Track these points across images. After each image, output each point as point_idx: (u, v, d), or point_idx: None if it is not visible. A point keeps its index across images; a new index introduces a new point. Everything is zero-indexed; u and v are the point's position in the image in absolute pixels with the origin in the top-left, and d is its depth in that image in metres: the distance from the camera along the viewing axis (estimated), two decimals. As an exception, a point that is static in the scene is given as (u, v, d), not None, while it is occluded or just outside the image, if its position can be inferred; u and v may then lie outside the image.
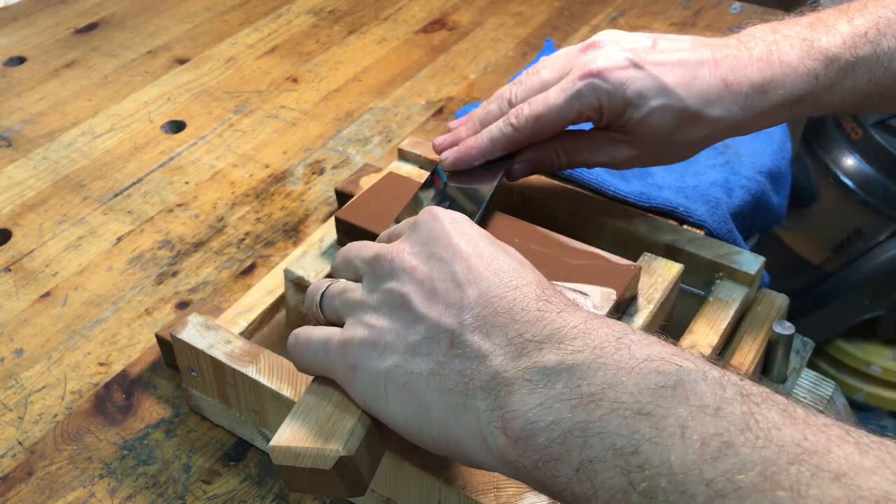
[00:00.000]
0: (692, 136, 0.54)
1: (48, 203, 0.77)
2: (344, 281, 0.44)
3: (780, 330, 0.56)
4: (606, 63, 0.53)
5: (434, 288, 0.39)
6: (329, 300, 0.44)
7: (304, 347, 0.43)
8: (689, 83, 0.52)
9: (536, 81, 0.56)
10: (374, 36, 1.01)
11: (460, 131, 0.59)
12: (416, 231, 0.42)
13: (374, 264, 0.42)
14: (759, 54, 0.52)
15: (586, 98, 0.53)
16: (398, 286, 0.40)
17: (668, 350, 0.34)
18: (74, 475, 0.54)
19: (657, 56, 0.53)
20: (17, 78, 0.94)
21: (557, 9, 1.05)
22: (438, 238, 0.41)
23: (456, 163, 0.58)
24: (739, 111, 0.52)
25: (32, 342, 0.64)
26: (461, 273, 0.39)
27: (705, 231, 0.67)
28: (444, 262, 0.40)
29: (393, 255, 0.41)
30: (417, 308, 0.39)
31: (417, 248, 0.41)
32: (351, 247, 0.46)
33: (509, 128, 0.55)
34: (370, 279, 0.42)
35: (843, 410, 0.61)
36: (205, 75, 0.94)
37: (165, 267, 0.70)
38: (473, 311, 0.38)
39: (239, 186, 0.78)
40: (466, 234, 0.41)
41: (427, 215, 0.42)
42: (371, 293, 0.41)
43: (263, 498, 0.53)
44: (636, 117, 0.53)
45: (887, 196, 1.23)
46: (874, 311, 1.31)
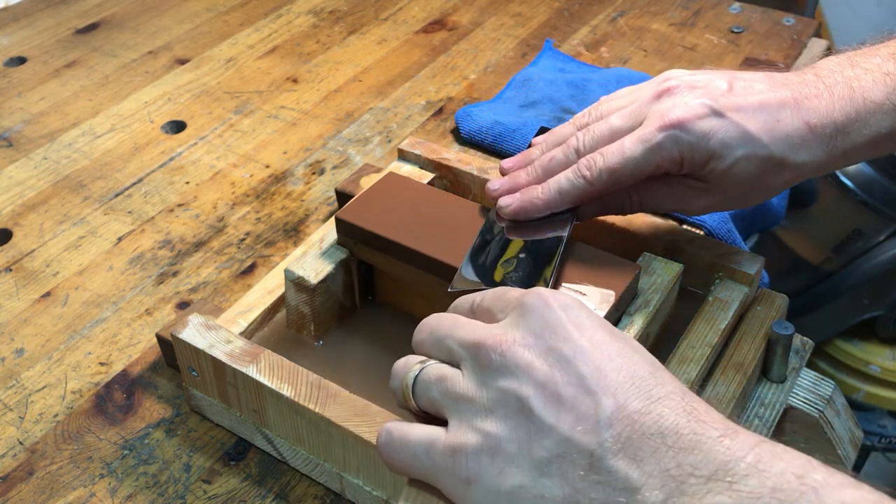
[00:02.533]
0: (775, 182, 0.51)
1: (49, 203, 0.77)
2: (439, 365, 0.39)
3: (780, 330, 0.56)
4: (686, 112, 0.49)
5: (559, 393, 0.34)
6: (424, 386, 0.39)
7: (400, 448, 0.38)
8: (773, 129, 0.49)
9: (606, 129, 0.52)
10: (374, 36, 1.01)
11: (519, 177, 0.55)
12: (524, 317, 0.37)
13: (478, 353, 0.37)
14: (840, 93, 0.49)
15: (667, 151, 0.49)
16: (515, 386, 0.35)
17: (867, 497, 0.29)
18: (75, 475, 0.54)
19: (737, 100, 0.49)
20: (18, 78, 0.94)
21: (557, 9, 1.05)
22: (556, 330, 0.36)
23: (518, 213, 0.53)
24: (823, 154, 0.49)
25: (33, 342, 0.64)
26: (590, 376, 0.34)
27: (705, 231, 0.68)
28: (567, 360, 0.35)
29: (503, 347, 0.36)
30: (541, 416, 0.34)
31: (531, 339, 0.36)
32: (439, 321, 0.41)
33: (581, 180, 0.51)
34: (476, 371, 0.37)
35: (842, 410, 0.61)
36: (205, 75, 0.94)
37: (166, 267, 0.70)
38: (613, 428, 0.33)
39: (239, 186, 0.78)
40: (586, 325, 0.36)
41: (536, 299, 0.38)
42: (479, 389, 0.36)
43: (264, 498, 0.53)
44: (720, 168, 0.49)
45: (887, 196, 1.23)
46: (873, 310, 1.31)
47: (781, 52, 0.95)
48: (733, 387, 0.54)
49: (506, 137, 0.80)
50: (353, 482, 0.51)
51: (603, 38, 0.99)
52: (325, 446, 0.51)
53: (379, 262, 0.58)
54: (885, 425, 1.39)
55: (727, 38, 0.98)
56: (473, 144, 0.82)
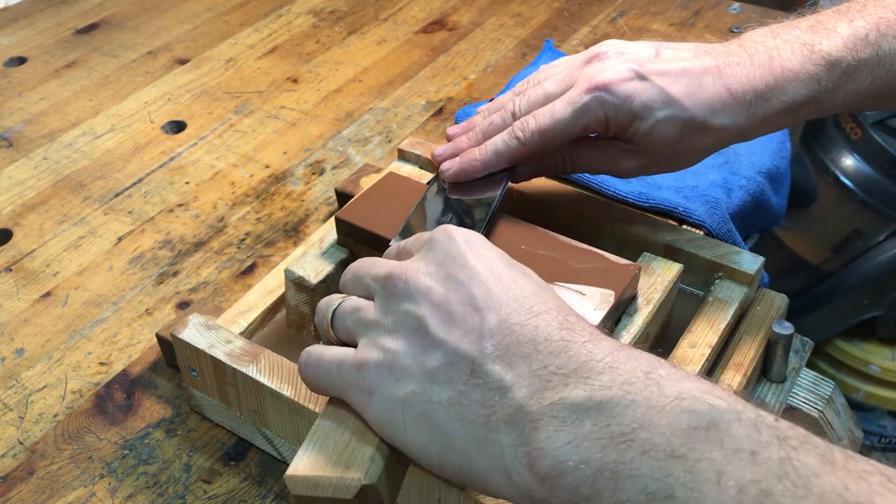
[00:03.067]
0: (698, 145, 0.54)
1: (49, 203, 0.77)
2: (356, 298, 0.43)
3: (780, 330, 0.56)
4: (612, 75, 0.52)
5: (451, 311, 0.38)
6: (341, 318, 0.43)
7: (316, 367, 0.42)
8: (694, 93, 0.51)
9: (540, 93, 0.55)
10: (374, 36, 1.01)
11: (461, 141, 0.58)
12: (430, 250, 0.41)
13: (387, 283, 0.41)
14: (760, 61, 0.52)
15: (593, 112, 0.52)
16: (414, 308, 0.39)
17: (700, 387, 0.33)
18: (75, 475, 0.54)
19: (661, 66, 0.52)
20: (18, 78, 0.94)
21: (557, 9, 1.05)
22: (455, 259, 0.40)
23: (458, 175, 0.57)
24: (744, 119, 0.52)
25: (33, 342, 0.64)
26: (479, 297, 0.38)
27: (704, 231, 0.68)
28: (462, 284, 0.39)
29: (407, 276, 0.40)
30: (435, 332, 0.38)
31: (433, 268, 0.40)
32: (361, 263, 0.44)
33: (514, 141, 0.54)
34: (383, 299, 0.41)
35: (842, 410, 0.61)
36: (205, 76, 0.94)
37: (166, 267, 0.70)
38: (494, 338, 0.37)
39: (239, 186, 0.79)
40: (483, 254, 0.40)
41: (442, 234, 0.41)
42: (385, 314, 0.40)
43: (264, 497, 0.53)
44: (642, 129, 0.52)
45: (886, 196, 1.23)
46: (873, 310, 1.31)
47: (781, 52, 0.95)
48: (733, 387, 0.54)
49: (506, 137, 0.80)
50: (353, 482, 0.51)
51: (603, 39, 0.99)
52: (325, 446, 0.51)
53: (379, 262, 0.58)
54: (884, 425, 1.39)
55: (727, 38, 0.98)
56: (473, 144, 0.82)
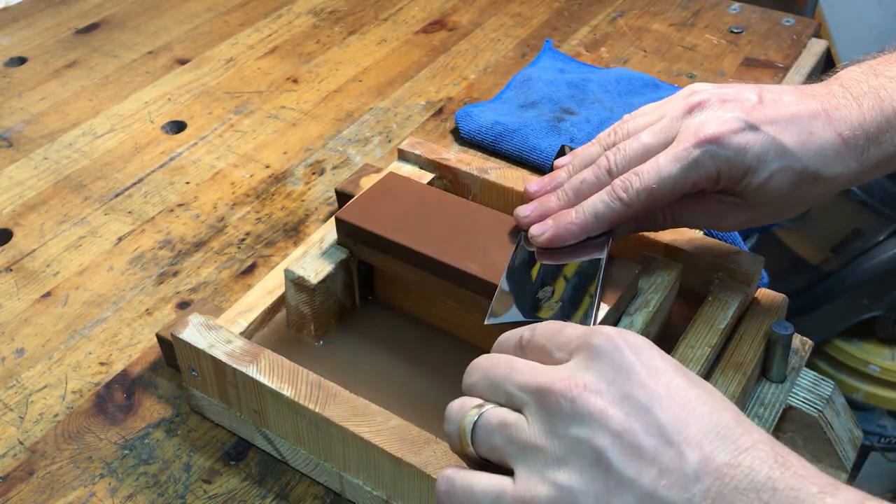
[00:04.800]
0: (809, 195, 0.50)
1: (49, 203, 0.77)
2: (501, 410, 0.37)
3: (779, 330, 0.56)
4: (721, 127, 0.48)
5: (638, 443, 0.32)
6: (485, 433, 0.37)
7: (464, 498, 0.36)
8: (807, 141, 0.48)
9: (638, 147, 0.50)
10: (374, 36, 1.01)
11: (549, 202, 0.53)
12: (594, 361, 0.35)
13: (545, 399, 0.35)
14: (869, 103, 0.48)
15: (704, 167, 0.48)
16: (588, 435, 0.33)
17: None
18: (75, 475, 0.54)
19: (769, 112, 0.48)
20: (18, 78, 0.94)
21: (557, 9, 1.05)
22: (628, 375, 0.34)
23: (553, 240, 0.52)
24: (856, 165, 0.49)
25: (33, 342, 0.64)
26: (670, 426, 0.32)
27: (704, 231, 0.68)
28: (644, 408, 0.33)
29: (574, 393, 0.34)
30: (621, 468, 0.32)
31: (603, 385, 0.34)
32: (494, 363, 0.39)
33: (617, 202, 0.50)
34: (543, 418, 0.35)
35: (841, 410, 0.61)
36: (205, 76, 0.94)
37: (166, 267, 0.70)
38: (701, 482, 0.31)
39: (239, 187, 0.79)
40: (660, 369, 0.34)
41: (605, 341, 0.35)
42: (549, 437, 0.34)
43: (264, 497, 0.53)
44: (755, 183, 0.48)
45: (886, 196, 1.23)
46: (873, 310, 1.31)
47: (781, 52, 0.95)
48: (733, 387, 0.54)
49: (506, 137, 0.80)
50: (352, 482, 0.51)
51: (603, 39, 0.99)
52: (325, 446, 0.51)
53: (379, 262, 0.58)
54: (884, 425, 1.39)
55: (727, 39, 0.98)
56: (473, 144, 0.82)
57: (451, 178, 0.67)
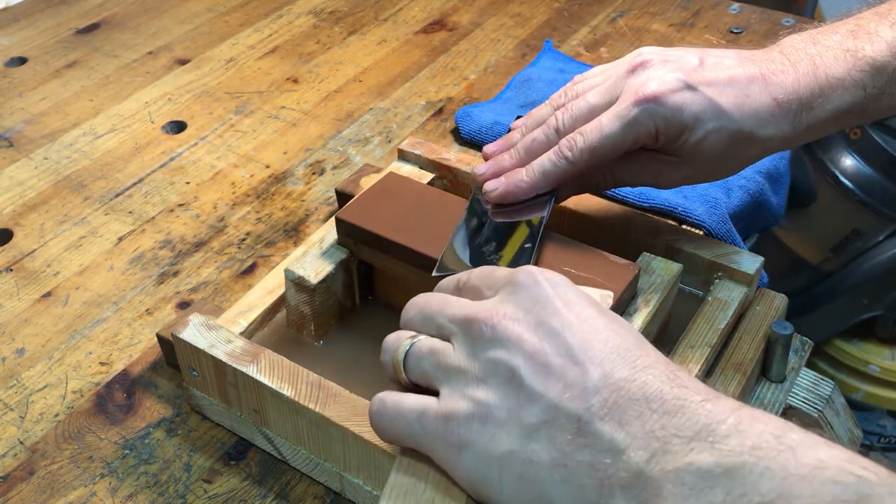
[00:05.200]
0: (743, 156, 0.52)
1: (49, 203, 0.77)
2: (431, 339, 0.40)
3: (779, 330, 0.56)
4: (661, 86, 0.50)
5: (548, 363, 0.36)
6: (416, 359, 0.40)
7: (393, 417, 0.39)
8: (742, 103, 0.50)
9: (584, 106, 0.53)
10: (374, 37, 1.01)
11: (503, 160, 0.55)
12: (514, 293, 0.38)
13: (469, 327, 0.38)
14: (804, 69, 0.50)
15: (643, 125, 0.50)
16: (505, 356, 0.36)
17: (841, 455, 0.30)
18: (75, 474, 0.54)
19: (708, 74, 0.50)
20: (19, 78, 0.94)
21: (557, 9, 1.05)
22: (545, 305, 0.37)
23: (504, 196, 0.54)
24: (789, 128, 0.51)
25: (34, 342, 0.64)
26: (577, 348, 0.36)
27: (704, 231, 0.68)
28: (556, 333, 0.36)
29: (494, 320, 0.37)
30: (531, 385, 0.35)
31: (521, 314, 0.37)
32: (427, 299, 0.42)
33: (563, 160, 0.52)
34: (467, 343, 0.38)
35: (841, 410, 0.61)
36: (206, 76, 0.94)
37: (166, 267, 0.70)
38: (600, 394, 0.34)
39: (239, 186, 0.79)
40: (573, 301, 0.38)
41: (527, 276, 0.39)
42: (471, 360, 0.38)
43: (264, 497, 0.53)
44: (691, 141, 0.51)
45: (886, 196, 1.24)
46: (873, 310, 1.31)
47: (781, 52, 0.95)
48: (732, 386, 0.54)
49: (506, 138, 0.80)
50: (353, 482, 0.51)
51: (602, 39, 0.99)
52: (326, 446, 0.51)
53: (379, 262, 0.58)
54: (884, 425, 1.39)
55: (726, 39, 0.98)
56: (473, 144, 0.82)
57: (451, 178, 0.67)
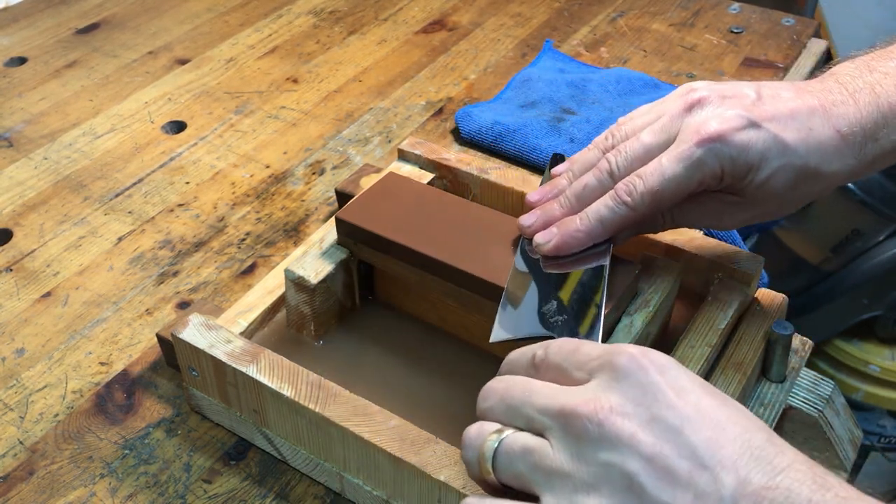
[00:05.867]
0: (808, 192, 0.50)
1: (49, 203, 0.77)
2: (523, 434, 0.36)
3: (779, 330, 0.56)
4: (723, 125, 0.47)
5: (671, 467, 0.31)
6: (507, 459, 0.35)
7: None
8: (807, 138, 0.47)
9: (639, 148, 0.49)
10: (374, 37, 1.01)
11: (553, 210, 0.52)
12: (618, 382, 0.34)
13: (568, 422, 0.34)
14: (865, 99, 0.48)
15: (708, 166, 0.47)
16: (618, 460, 0.32)
17: None
18: (75, 474, 0.54)
19: (768, 109, 0.48)
20: (19, 78, 0.94)
21: (557, 9, 1.05)
22: (656, 396, 0.33)
23: (559, 249, 0.50)
24: (854, 161, 0.48)
25: (33, 342, 0.64)
26: (702, 448, 0.31)
27: (704, 231, 0.68)
28: (675, 430, 0.32)
29: (600, 416, 0.33)
30: (654, 494, 0.31)
31: (630, 407, 0.33)
32: (509, 387, 0.37)
33: (622, 207, 0.48)
34: (568, 441, 0.34)
35: (841, 410, 0.61)
36: (205, 76, 0.94)
37: (166, 267, 0.70)
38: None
39: (239, 187, 0.79)
40: (686, 388, 0.33)
41: (629, 361, 0.34)
42: (576, 462, 0.33)
43: (264, 497, 0.53)
44: (757, 180, 0.48)
45: (886, 196, 1.23)
46: (873, 310, 1.31)
47: (781, 52, 0.95)
48: (733, 386, 0.54)
49: (506, 137, 0.80)
50: (353, 482, 0.51)
51: (602, 39, 0.99)
52: (325, 446, 0.51)
53: (379, 262, 0.58)
54: (884, 425, 1.39)
55: (727, 39, 0.98)
56: (473, 144, 0.82)
57: (451, 178, 0.67)
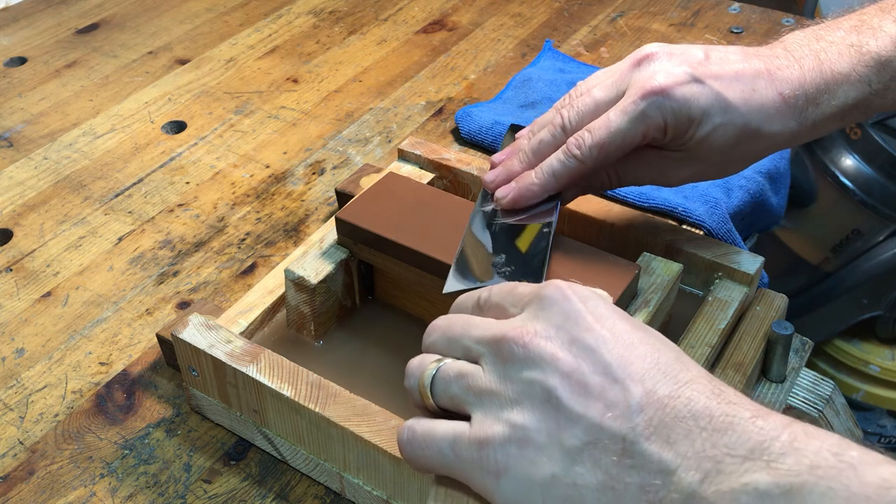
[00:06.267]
0: (750, 152, 0.52)
1: (49, 203, 0.77)
2: (458, 362, 0.39)
3: (779, 330, 0.56)
4: (668, 79, 0.49)
5: (585, 382, 0.34)
6: (444, 384, 0.38)
7: (424, 445, 0.37)
8: (749, 98, 0.49)
9: (589, 102, 0.52)
10: (374, 36, 1.01)
11: (512, 165, 0.54)
12: (543, 310, 0.37)
13: (499, 347, 0.37)
14: (809, 64, 0.50)
15: (651, 118, 0.49)
16: (540, 376, 0.35)
17: None
18: (75, 474, 0.54)
19: (714, 68, 0.50)
20: (19, 78, 0.94)
21: (557, 9, 1.05)
22: (576, 321, 0.36)
23: (516, 201, 0.53)
24: (795, 124, 0.50)
25: (33, 342, 0.64)
26: (615, 364, 0.34)
27: (704, 231, 0.68)
28: (591, 350, 0.35)
29: (525, 339, 0.36)
30: (570, 405, 0.34)
31: (552, 331, 0.36)
32: (450, 321, 0.40)
33: (572, 160, 0.51)
34: (498, 364, 0.37)
35: (841, 410, 0.61)
36: (205, 76, 0.94)
37: (166, 267, 0.70)
38: (644, 413, 0.33)
39: (239, 187, 0.79)
40: (605, 315, 0.36)
41: (555, 291, 0.37)
42: (503, 382, 0.36)
43: (264, 497, 0.53)
44: (699, 135, 0.50)
45: (886, 196, 1.23)
46: (873, 310, 1.31)
47: (781, 52, 0.95)
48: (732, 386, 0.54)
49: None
50: (353, 482, 0.51)
51: (603, 39, 0.99)
52: (325, 446, 0.51)
53: (379, 262, 0.58)
54: (884, 425, 1.39)
55: (727, 39, 0.98)
56: (473, 144, 0.82)
57: (451, 178, 0.67)
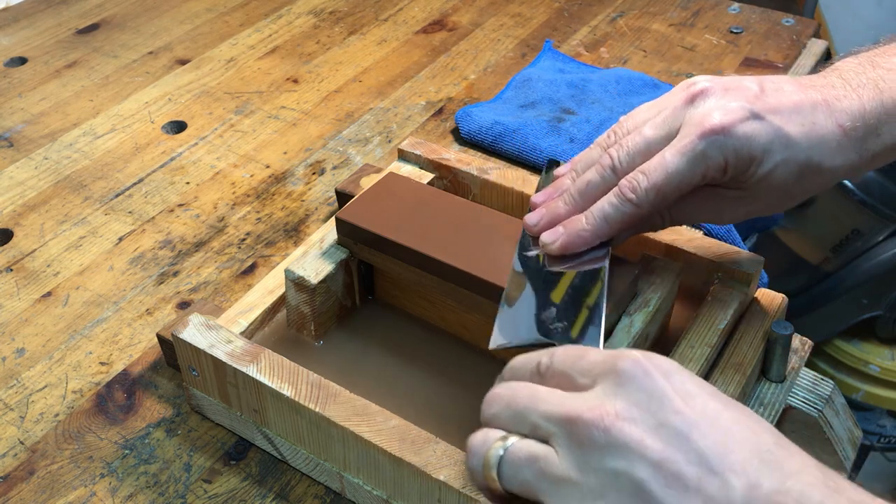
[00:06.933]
0: (809, 187, 0.49)
1: (49, 203, 0.77)
2: (528, 442, 0.35)
3: (779, 330, 0.56)
4: (726, 116, 0.46)
5: (679, 473, 0.31)
6: (513, 468, 0.35)
7: None
8: (810, 132, 0.46)
9: (640, 142, 0.48)
10: (374, 37, 1.01)
11: (557, 207, 0.51)
12: (623, 387, 0.33)
13: (573, 428, 0.33)
14: (868, 94, 0.47)
15: (712, 159, 0.46)
16: (626, 467, 0.32)
17: None
18: (76, 474, 0.54)
19: (771, 101, 0.47)
20: (19, 78, 0.94)
21: (557, 9, 1.05)
22: (661, 401, 0.32)
23: (566, 248, 0.49)
24: (856, 156, 0.48)
25: (34, 342, 0.64)
26: (711, 452, 0.31)
27: (704, 231, 0.68)
28: (682, 435, 0.31)
29: (606, 422, 0.32)
30: (663, 501, 0.31)
31: (636, 412, 0.32)
32: (515, 393, 0.37)
33: (627, 204, 0.47)
34: (572, 448, 0.33)
35: (841, 410, 0.61)
36: (206, 76, 0.94)
37: (166, 267, 0.70)
38: None
39: (240, 187, 0.79)
40: (693, 393, 0.33)
41: (634, 366, 0.34)
42: (582, 471, 0.33)
43: (264, 497, 0.53)
44: (759, 173, 0.47)
45: (885, 196, 1.24)
46: (872, 310, 1.31)
47: (781, 52, 0.96)
48: (732, 386, 0.54)
49: (506, 137, 0.80)
50: (353, 482, 0.51)
51: (602, 39, 0.99)
52: (325, 446, 0.51)
53: (379, 262, 0.58)
54: (884, 425, 1.39)
55: (726, 39, 0.98)
56: (473, 144, 0.82)
57: (451, 178, 0.67)
